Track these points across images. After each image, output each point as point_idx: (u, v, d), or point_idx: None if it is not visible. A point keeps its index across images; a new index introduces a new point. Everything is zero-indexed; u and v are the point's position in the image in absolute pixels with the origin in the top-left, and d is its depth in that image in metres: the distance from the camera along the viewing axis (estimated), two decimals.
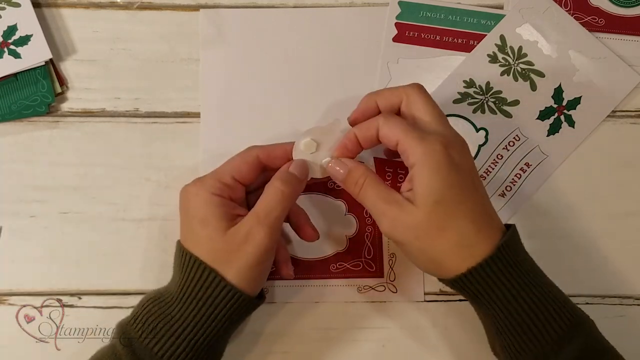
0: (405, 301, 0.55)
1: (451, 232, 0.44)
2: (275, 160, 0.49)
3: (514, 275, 0.44)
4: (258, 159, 0.49)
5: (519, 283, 0.44)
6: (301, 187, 0.49)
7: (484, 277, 0.44)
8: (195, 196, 0.47)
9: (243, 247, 0.46)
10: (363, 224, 0.56)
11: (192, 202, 0.47)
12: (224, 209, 0.47)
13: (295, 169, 0.48)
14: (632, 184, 0.56)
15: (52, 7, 0.58)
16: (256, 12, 0.58)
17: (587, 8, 0.58)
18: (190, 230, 0.47)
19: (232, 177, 0.48)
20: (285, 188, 0.47)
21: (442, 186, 0.44)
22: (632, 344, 0.54)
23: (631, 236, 0.56)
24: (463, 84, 0.57)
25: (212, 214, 0.46)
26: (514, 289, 0.44)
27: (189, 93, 0.57)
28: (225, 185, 0.48)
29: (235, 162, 0.49)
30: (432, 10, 0.58)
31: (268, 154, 0.49)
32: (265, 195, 0.47)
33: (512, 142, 0.56)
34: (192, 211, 0.47)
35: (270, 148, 0.50)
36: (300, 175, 0.48)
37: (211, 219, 0.46)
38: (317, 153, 0.49)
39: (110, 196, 0.56)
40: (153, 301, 0.47)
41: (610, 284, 0.55)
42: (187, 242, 0.47)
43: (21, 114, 0.55)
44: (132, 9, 0.58)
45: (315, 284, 0.55)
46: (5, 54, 0.55)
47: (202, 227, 0.46)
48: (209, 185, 0.47)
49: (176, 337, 0.45)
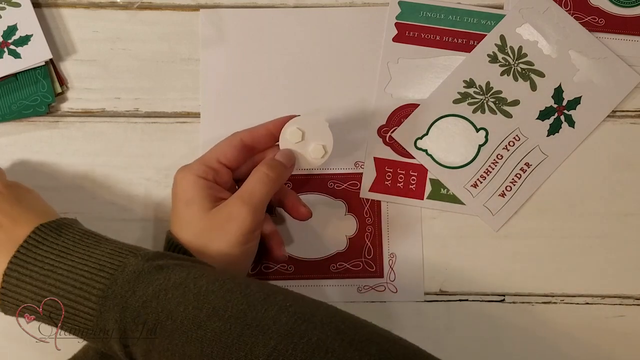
0: (405, 301, 0.55)
1: None
2: (259, 140, 0.50)
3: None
4: (242, 141, 0.50)
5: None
6: (287, 173, 0.49)
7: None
8: (181, 179, 0.49)
9: (225, 227, 0.46)
10: (363, 224, 0.56)
11: (179, 185, 0.49)
12: (209, 191, 0.48)
13: (281, 156, 0.49)
14: (632, 184, 0.56)
15: (52, 7, 0.58)
16: (256, 12, 0.58)
17: (587, 8, 0.58)
18: (176, 214, 0.49)
19: (217, 161, 0.49)
20: (270, 172, 0.48)
21: None
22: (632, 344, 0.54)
23: (631, 236, 0.56)
24: (463, 84, 0.57)
25: (197, 195, 0.47)
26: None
27: (189, 93, 0.57)
28: (210, 169, 0.49)
29: (221, 146, 0.50)
30: (432, 10, 0.58)
31: (251, 135, 0.50)
32: (250, 178, 0.48)
33: (512, 142, 0.56)
34: (180, 194, 0.48)
35: (253, 129, 0.50)
36: (287, 162, 0.49)
37: (196, 200, 0.47)
38: (303, 142, 0.50)
39: (110, 196, 0.56)
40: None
41: (610, 284, 0.55)
42: (174, 226, 0.49)
43: (21, 114, 0.55)
44: (132, 9, 0.58)
45: (316, 284, 0.55)
46: (5, 54, 0.55)
47: (186, 208, 0.48)
48: (195, 169, 0.48)
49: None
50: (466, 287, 0.55)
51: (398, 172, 0.56)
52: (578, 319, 0.55)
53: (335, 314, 0.41)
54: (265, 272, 0.55)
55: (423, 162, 0.56)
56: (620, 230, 0.56)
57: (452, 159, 0.56)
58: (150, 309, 0.40)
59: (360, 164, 0.56)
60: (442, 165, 0.56)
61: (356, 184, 0.56)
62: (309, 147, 0.50)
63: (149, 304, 0.41)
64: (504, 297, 0.55)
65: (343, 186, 0.56)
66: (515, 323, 0.55)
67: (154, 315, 0.40)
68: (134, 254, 0.43)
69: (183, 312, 0.40)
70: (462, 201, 0.56)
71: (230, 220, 0.46)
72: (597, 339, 0.55)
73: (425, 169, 0.56)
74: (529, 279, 0.55)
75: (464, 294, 0.55)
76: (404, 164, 0.56)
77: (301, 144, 0.50)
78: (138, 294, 0.41)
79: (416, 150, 0.56)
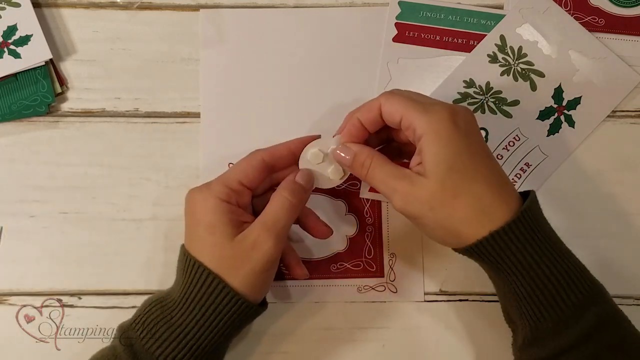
0: (405, 301, 0.55)
1: (467, 198, 0.43)
2: (280, 160, 0.50)
3: (536, 240, 0.44)
4: (264, 161, 0.49)
5: (541, 248, 0.44)
6: (307, 196, 0.49)
7: (506, 241, 0.43)
8: (202, 201, 0.47)
9: (250, 255, 0.45)
10: (363, 224, 0.56)
11: (199, 207, 0.47)
12: (231, 215, 0.47)
13: (301, 178, 0.49)
14: (632, 184, 0.56)
15: (52, 7, 0.58)
16: (256, 12, 0.58)
17: (587, 8, 0.58)
18: (195, 236, 0.47)
19: (239, 182, 0.48)
20: (292, 198, 0.47)
21: (452, 152, 0.43)
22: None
23: (631, 236, 0.56)
24: (463, 84, 0.57)
25: (219, 220, 0.46)
26: (536, 255, 0.43)
27: (189, 93, 0.57)
28: (232, 191, 0.47)
29: (242, 166, 0.49)
30: (432, 10, 0.58)
31: (272, 155, 0.49)
32: (273, 203, 0.47)
33: (512, 142, 0.56)
34: (199, 216, 0.47)
35: (274, 149, 0.50)
36: (306, 184, 0.49)
37: (218, 225, 0.46)
38: (323, 164, 0.49)
39: (110, 196, 0.56)
40: (155, 304, 0.47)
41: (611, 284, 0.55)
42: (192, 247, 0.47)
43: (21, 114, 0.55)
44: (132, 9, 0.58)
45: (316, 284, 0.55)
46: (5, 54, 0.55)
47: (208, 233, 0.46)
48: (217, 191, 0.47)
49: (178, 342, 0.45)
50: (466, 287, 0.55)
51: None
52: None
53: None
54: None
55: None
56: (620, 230, 0.56)
57: None
58: None
59: None
60: None
61: (356, 184, 0.56)
62: (328, 168, 0.50)
63: None
64: None
65: (343, 186, 0.56)
66: None
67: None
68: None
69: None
70: None
71: (255, 249, 0.46)
72: None
73: None
74: None
75: (464, 294, 0.55)
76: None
77: (321, 165, 0.50)
78: None
79: None
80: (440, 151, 0.43)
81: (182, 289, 0.46)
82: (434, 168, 0.43)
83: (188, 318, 0.45)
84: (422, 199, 0.44)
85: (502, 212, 0.43)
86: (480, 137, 0.45)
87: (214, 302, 0.45)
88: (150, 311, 0.46)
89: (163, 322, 0.45)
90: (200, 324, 0.45)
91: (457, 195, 0.43)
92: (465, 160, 0.43)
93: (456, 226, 0.44)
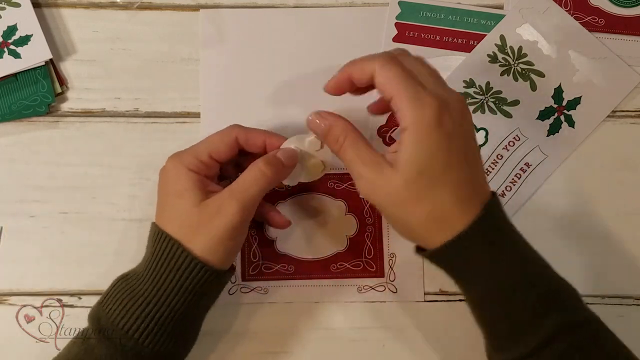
0: (405, 301, 0.55)
1: (427, 203, 0.42)
2: (252, 147, 0.50)
3: (493, 248, 0.43)
4: (236, 140, 0.49)
5: (497, 256, 0.43)
6: (285, 173, 0.49)
7: (461, 251, 0.43)
8: (172, 170, 0.48)
9: (213, 220, 0.46)
10: (363, 223, 0.56)
11: (169, 176, 0.48)
12: (200, 184, 0.47)
13: (282, 154, 0.49)
14: (632, 184, 0.56)
15: (52, 7, 0.58)
16: (256, 12, 0.58)
17: (587, 8, 0.58)
18: (164, 205, 0.48)
19: (208, 155, 0.48)
20: (266, 169, 0.47)
21: (426, 156, 0.42)
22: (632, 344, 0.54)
23: (631, 236, 0.56)
24: (463, 84, 0.57)
25: (188, 187, 0.47)
26: (492, 262, 0.43)
27: (189, 93, 0.57)
28: (201, 163, 0.48)
29: (214, 139, 0.49)
30: (432, 10, 0.58)
31: (247, 138, 0.49)
32: (246, 172, 0.47)
33: (512, 142, 0.56)
34: (170, 185, 0.48)
35: (250, 133, 0.50)
36: (286, 161, 0.48)
37: (186, 192, 0.47)
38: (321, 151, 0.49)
39: (110, 196, 0.56)
40: (121, 280, 0.48)
41: (610, 284, 0.55)
42: (161, 219, 0.48)
43: (21, 114, 0.55)
44: (132, 9, 0.58)
45: (316, 284, 0.55)
46: (5, 54, 0.55)
47: (176, 199, 0.47)
48: (187, 162, 0.48)
49: (141, 311, 0.45)
50: None
51: None
52: None
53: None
54: (265, 273, 0.55)
55: None
56: (620, 230, 0.56)
57: None
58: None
59: None
60: None
61: None
62: (309, 162, 0.50)
63: None
64: None
65: (343, 186, 0.56)
66: None
67: None
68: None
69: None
70: None
71: (219, 214, 0.46)
72: None
73: None
74: None
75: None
76: None
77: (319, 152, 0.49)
78: None
79: None
80: (416, 152, 0.42)
81: (146, 261, 0.47)
82: (405, 167, 0.42)
83: (149, 287, 0.46)
84: (386, 192, 0.43)
85: (460, 221, 0.42)
86: (464, 136, 0.44)
87: (173, 268, 0.45)
88: (116, 286, 0.47)
89: (127, 295, 0.46)
90: (161, 291, 0.45)
91: (420, 199, 0.42)
92: (437, 164, 0.42)
93: (415, 229, 0.44)
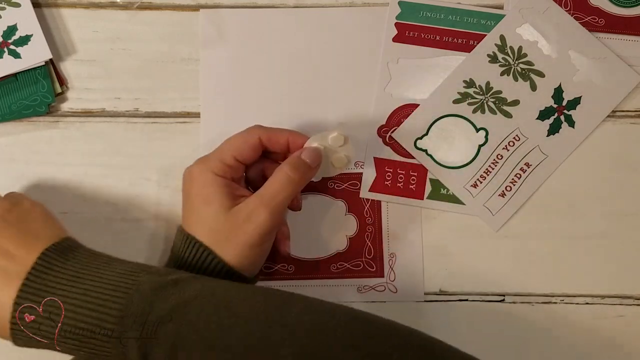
0: (405, 301, 0.55)
1: None
2: (276, 146, 0.50)
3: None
4: (260, 141, 0.49)
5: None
6: (311, 174, 0.49)
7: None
8: (199, 175, 0.48)
9: (243, 227, 0.46)
10: (363, 223, 0.56)
11: (195, 181, 0.48)
12: (227, 189, 0.47)
13: (307, 156, 0.49)
14: (632, 184, 0.56)
15: (52, 7, 0.58)
16: (256, 12, 0.58)
17: (587, 8, 0.58)
18: (192, 210, 0.48)
19: (233, 158, 0.48)
20: (293, 174, 0.47)
21: None
22: (632, 344, 0.54)
23: (631, 236, 0.56)
24: (463, 84, 0.57)
25: (217, 192, 0.47)
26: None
27: (189, 93, 0.57)
28: (227, 166, 0.48)
29: (238, 141, 0.49)
30: (432, 10, 0.58)
31: (270, 138, 0.49)
32: (273, 178, 0.48)
33: (512, 142, 0.56)
34: (196, 190, 0.48)
35: (273, 133, 0.50)
36: (312, 162, 0.49)
37: (215, 198, 0.47)
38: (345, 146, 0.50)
39: (110, 196, 0.56)
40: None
41: (610, 284, 0.55)
42: (189, 223, 0.48)
43: (21, 114, 0.55)
44: (132, 9, 0.58)
45: (316, 284, 0.55)
46: (5, 54, 0.55)
47: (205, 206, 0.47)
48: (213, 166, 0.48)
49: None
50: (466, 287, 0.55)
51: (398, 172, 0.56)
52: (578, 319, 0.55)
53: (353, 312, 0.41)
54: (265, 273, 0.55)
55: (423, 162, 0.56)
56: (620, 230, 0.56)
57: (452, 159, 0.56)
58: (171, 323, 0.40)
59: (360, 163, 0.56)
60: (442, 165, 0.56)
61: (356, 183, 0.56)
62: (332, 157, 0.51)
63: (168, 319, 0.40)
64: (504, 297, 0.55)
65: (343, 186, 0.56)
66: (515, 323, 0.55)
67: (174, 330, 0.40)
68: (146, 271, 0.43)
69: (205, 322, 0.40)
70: (462, 201, 0.56)
71: (250, 221, 0.46)
72: (597, 339, 0.55)
73: (425, 169, 0.56)
74: (529, 279, 0.55)
75: (464, 294, 0.55)
76: (403, 164, 0.57)
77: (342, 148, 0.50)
78: (156, 310, 0.41)
79: (416, 150, 0.56)
80: None
81: (175, 265, 0.47)
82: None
83: None
84: None
85: None
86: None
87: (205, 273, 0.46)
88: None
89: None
90: None
91: None
92: None
93: None
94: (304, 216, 0.56)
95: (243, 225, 0.46)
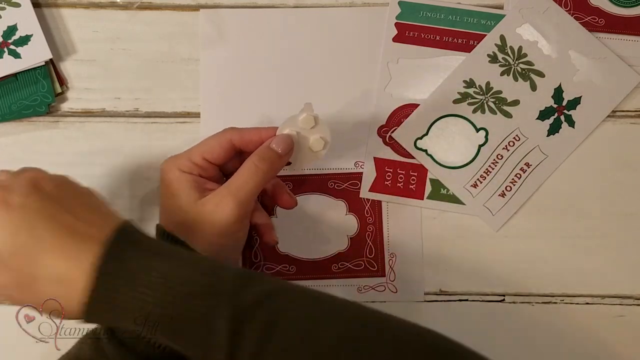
0: (405, 301, 0.55)
1: None
2: (248, 145, 0.50)
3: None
4: (231, 142, 0.50)
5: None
6: (281, 162, 0.49)
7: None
8: (167, 173, 0.49)
9: (209, 218, 0.46)
10: (364, 223, 0.56)
11: (164, 178, 0.49)
12: (194, 183, 0.48)
13: (276, 144, 0.49)
14: (632, 184, 0.56)
15: (52, 7, 0.58)
16: (256, 12, 0.58)
17: (587, 8, 0.58)
18: (163, 205, 0.49)
19: (202, 158, 0.49)
20: (261, 164, 0.48)
21: None
22: (632, 343, 0.54)
23: (631, 236, 0.56)
24: (463, 84, 0.57)
25: (182, 187, 0.48)
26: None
27: (189, 93, 0.57)
28: (195, 165, 0.49)
29: (209, 143, 0.50)
30: (432, 10, 0.58)
31: (242, 137, 0.50)
32: (241, 169, 0.48)
33: (512, 142, 0.57)
34: (165, 186, 0.49)
35: (244, 132, 0.50)
36: (282, 150, 0.48)
37: (181, 192, 0.48)
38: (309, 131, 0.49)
39: (110, 196, 0.56)
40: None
41: (610, 284, 0.55)
42: (162, 218, 0.49)
43: (21, 114, 0.55)
44: (132, 9, 0.58)
45: (317, 284, 0.55)
46: (5, 54, 0.55)
47: (173, 199, 0.48)
48: (179, 164, 0.49)
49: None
50: (466, 287, 0.55)
51: (398, 172, 0.56)
52: (578, 319, 0.55)
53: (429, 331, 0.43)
54: (267, 273, 0.55)
55: (423, 162, 0.56)
56: (620, 230, 0.56)
57: (452, 159, 0.56)
58: (264, 308, 0.38)
59: (360, 163, 0.56)
60: (442, 165, 0.56)
61: (356, 183, 0.56)
62: (309, 141, 0.50)
63: (261, 303, 0.38)
64: (504, 297, 0.55)
65: (343, 186, 0.56)
66: (515, 323, 0.55)
67: (268, 315, 0.38)
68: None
69: (297, 311, 0.39)
70: (462, 201, 0.56)
71: (217, 212, 0.46)
72: (597, 338, 0.55)
73: (425, 169, 0.56)
74: (529, 279, 0.55)
75: (464, 294, 0.55)
76: (404, 164, 0.57)
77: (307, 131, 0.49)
78: (248, 292, 0.39)
79: (416, 150, 0.56)
80: None
81: None
82: None
83: None
84: None
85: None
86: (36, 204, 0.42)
87: None
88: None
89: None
90: None
91: None
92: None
93: None
94: (305, 216, 0.56)
95: (209, 216, 0.46)
